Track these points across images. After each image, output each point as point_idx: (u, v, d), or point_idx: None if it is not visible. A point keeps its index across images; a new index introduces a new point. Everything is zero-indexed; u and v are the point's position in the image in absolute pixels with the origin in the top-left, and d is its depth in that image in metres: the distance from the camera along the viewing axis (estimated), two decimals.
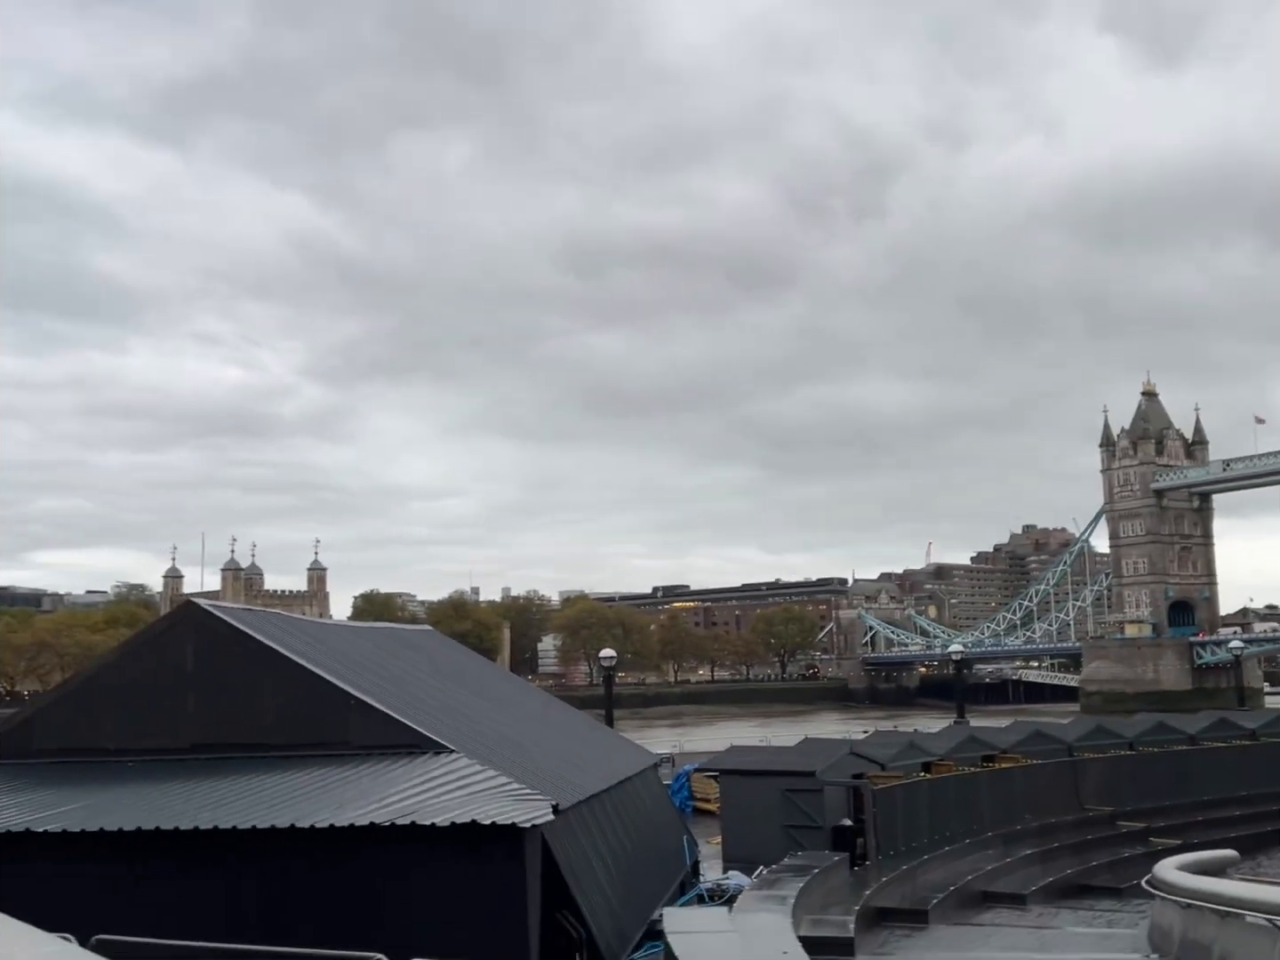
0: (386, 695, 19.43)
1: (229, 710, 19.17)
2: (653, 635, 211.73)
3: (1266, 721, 41.10)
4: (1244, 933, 15.81)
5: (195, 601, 22.26)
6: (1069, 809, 30.37)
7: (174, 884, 14.19)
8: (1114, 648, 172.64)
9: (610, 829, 18.54)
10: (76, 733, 19.81)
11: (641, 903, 18.42)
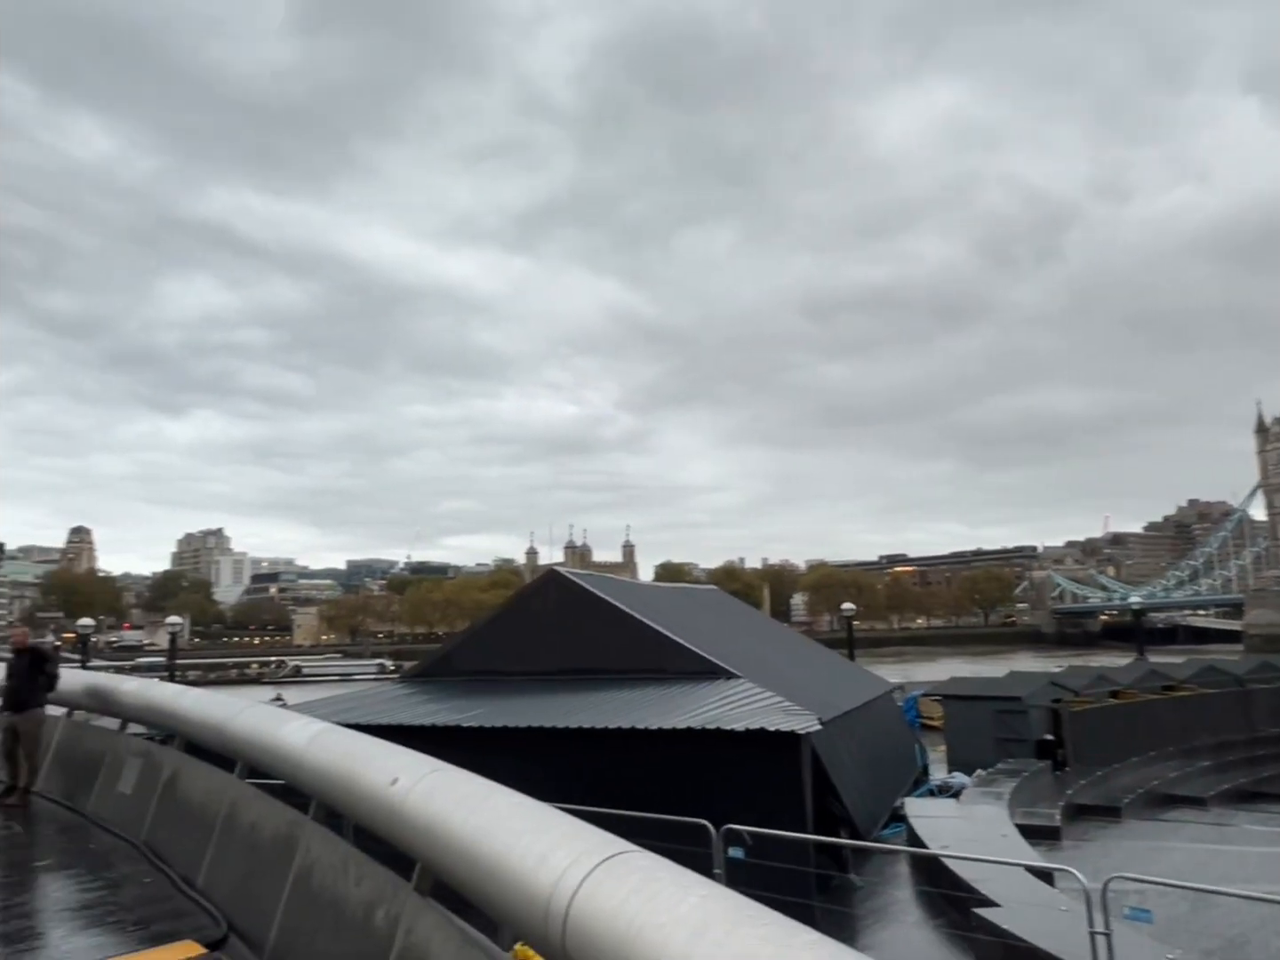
0: (688, 634, 19.80)
1: (579, 645, 20.01)
2: (880, 593, 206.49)
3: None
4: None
5: (555, 569, 23.41)
6: (1241, 730, 27.70)
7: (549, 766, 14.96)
8: (1273, 597, 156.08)
9: (859, 738, 18.30)
10: (479, 660, 21.20)
11: (886, 794, 18.09)
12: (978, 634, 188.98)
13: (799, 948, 2.11)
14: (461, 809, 3.76)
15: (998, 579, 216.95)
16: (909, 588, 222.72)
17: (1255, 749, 26.73)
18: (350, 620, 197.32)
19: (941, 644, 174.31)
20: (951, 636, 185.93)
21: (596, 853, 2.82)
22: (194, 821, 7.67)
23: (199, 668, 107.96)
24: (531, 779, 4.19)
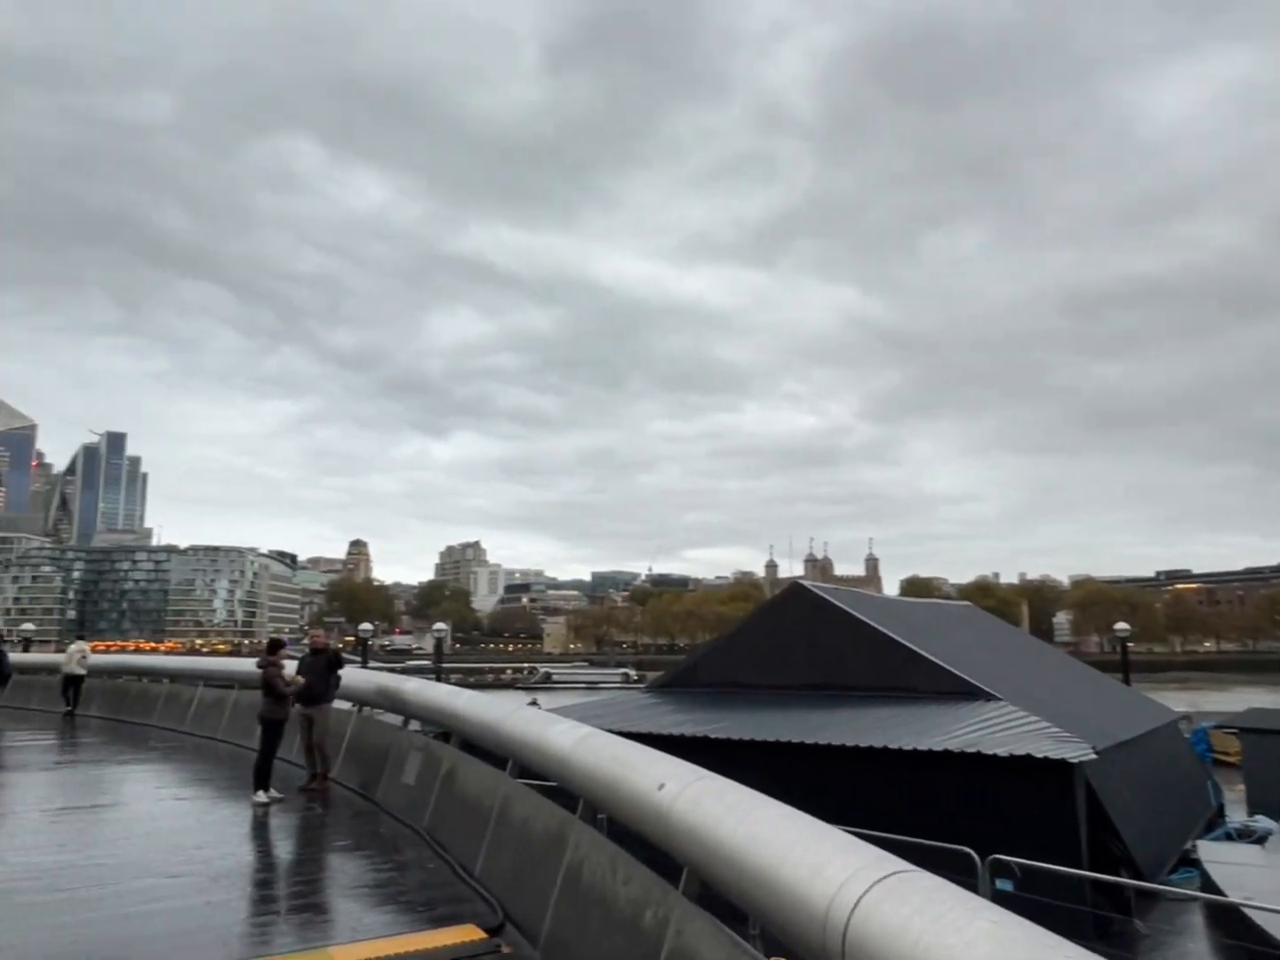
0: (940, 651, 18.99)
1: (824, 660, 19.68)
2: (1158, 612, 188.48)
3: None
4: None
5: (799, 582, 23.19)
6: None
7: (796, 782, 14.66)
8: None
9: (1139, 770, 16.80)
10: (723, 672, 21.32)
11: (1173, 834, 16.48)
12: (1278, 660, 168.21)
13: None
14: (730, 817, 3.82)
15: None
16: (1193, 607, 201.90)
17: None
18: (595, 630, 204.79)
19: (1234, 670, 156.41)
20: (1247, 662, 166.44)
21: (875, 869, 2.77)
22: (470, 814, 8.22)
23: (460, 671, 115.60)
24: (777, 794, 4.17)
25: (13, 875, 8.00)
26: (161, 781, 13.48)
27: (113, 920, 6.71)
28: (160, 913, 6.91)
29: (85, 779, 14.14)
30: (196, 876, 7.94)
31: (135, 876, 7.96)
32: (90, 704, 21.88)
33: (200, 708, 18.39)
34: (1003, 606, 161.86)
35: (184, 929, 6.54)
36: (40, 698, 23.51)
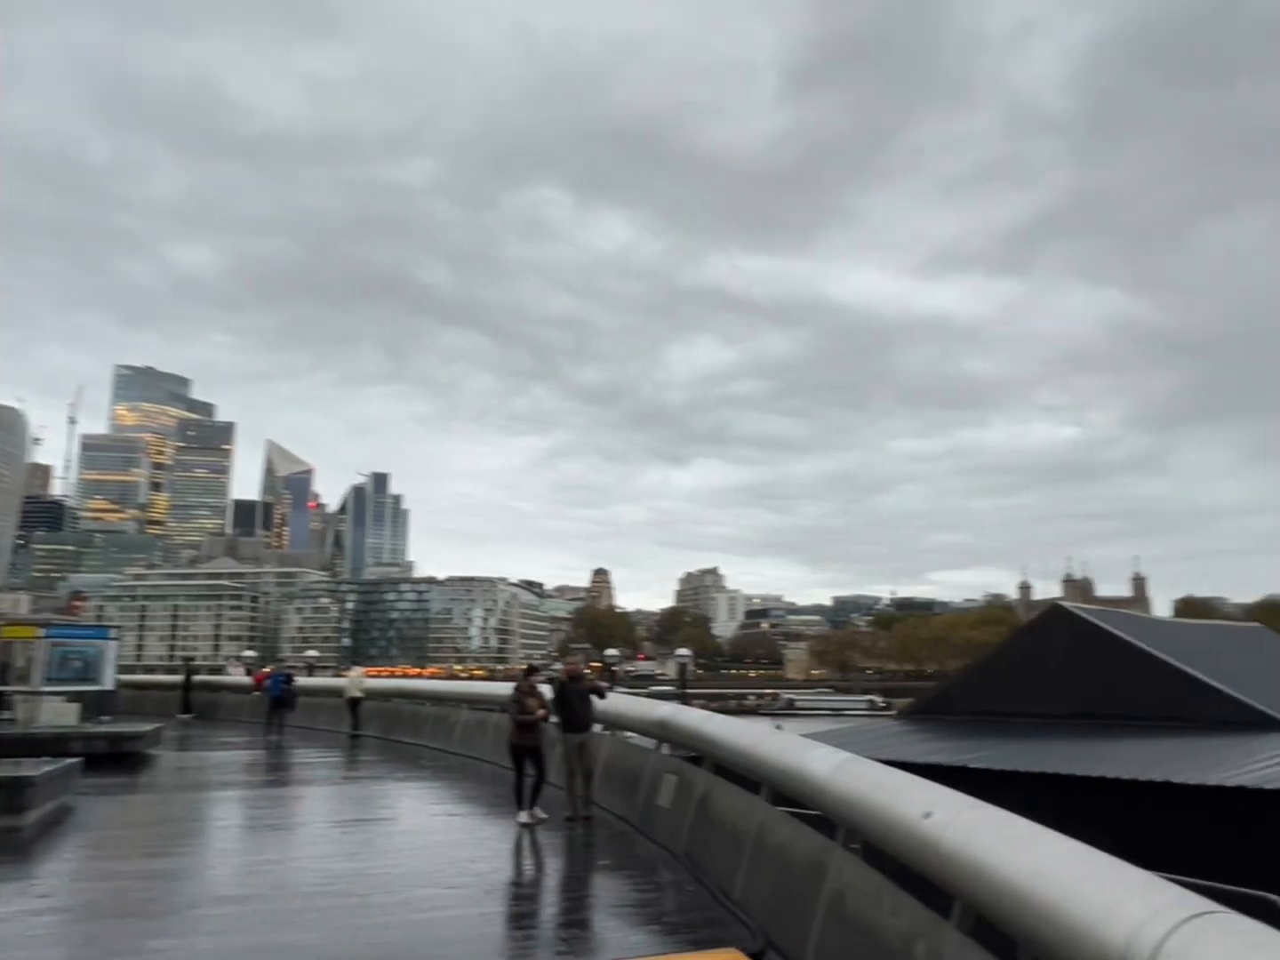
0: (1225, 678, 17.21)
1: (1090, 686, 18.34)
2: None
3: None
4: None
5: (1060, 604, 21.75)
6: None
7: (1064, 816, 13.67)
8: None
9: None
10: (979, 700, 20.28)
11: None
12: None
13: None
14: (1007, 848, 3.67)
15: None
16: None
17: None
18: (838, 655, 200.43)
19: None
20: None
21: (1180, 908, 2.59)
22: (726, 838, 8.29)
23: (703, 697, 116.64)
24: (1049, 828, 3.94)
25: (313, 880, 8.85)
26: (434, 798, 14.51)
27: (402, 925, 7.27)
28: (443, 921, 7.43)
29: (367, 794, 15.44)
30: (471, 889, 8.48)
31: (418, 886, 8.57)
32: (368, 725, 23.85)
33: (465, 729, 19.62)
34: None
35: (464, 937, 7.01)
36: (326, 719, 25.87)
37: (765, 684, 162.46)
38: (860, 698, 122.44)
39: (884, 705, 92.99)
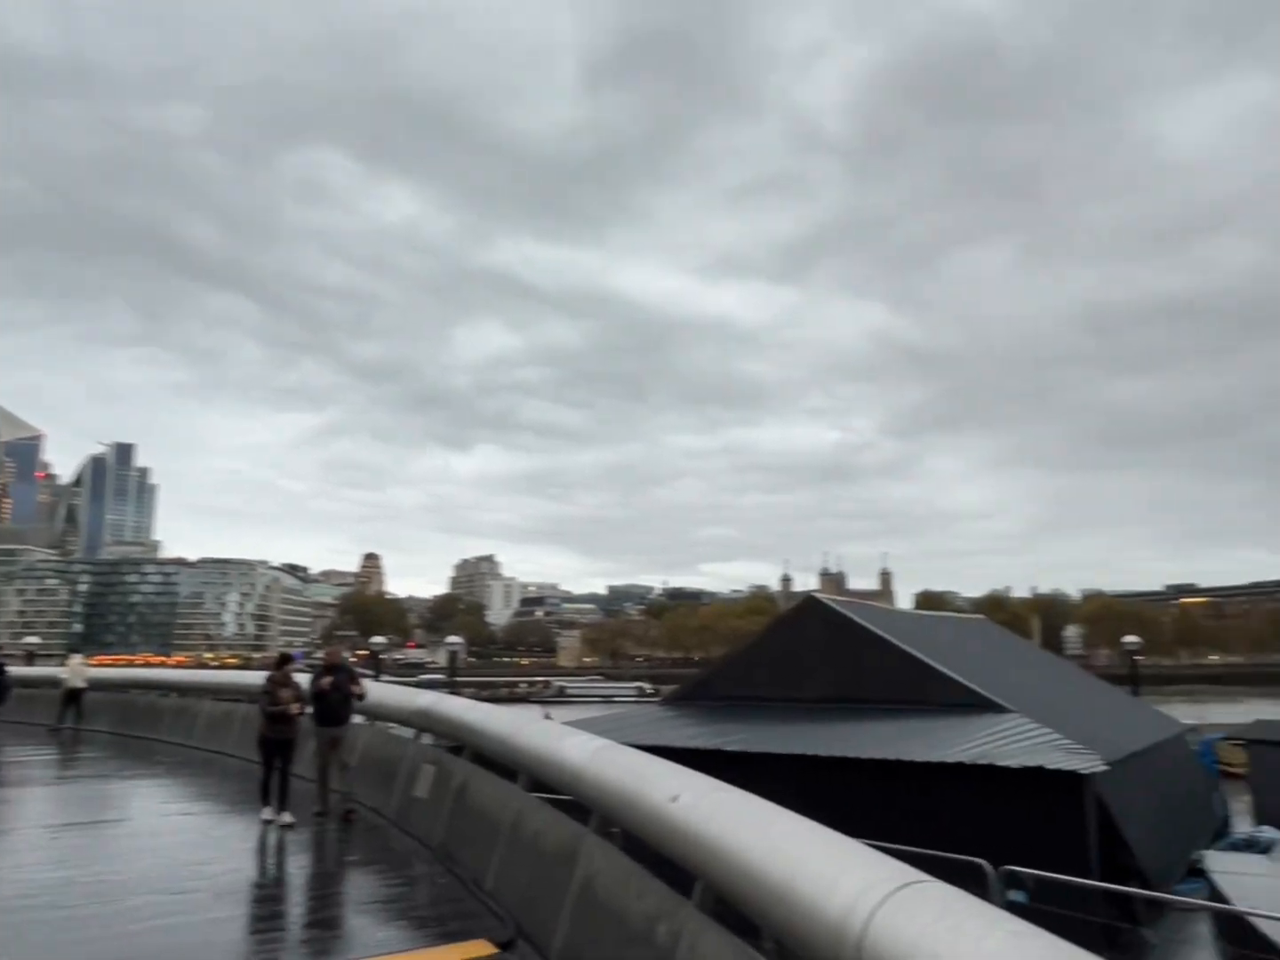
0: (953, 664, 18.91)
1: (838, 672, 19.55)
2: (1166, 625, 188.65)
3: None
4: None
5: (814, 596, 23.12)
6: None
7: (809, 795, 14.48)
8: None
9: (1149, 782, 16.70)
10: (738, 686, 21.20)
11: (1180, 845, 16.37)
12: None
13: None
14: (745, 829, 3.81)
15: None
16: (1200, 621, 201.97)
17: None
18: (610, 643, 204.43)
19: (1240, 683, 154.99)
20: (1253, 675, 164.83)
21: (891, 880, 2.77)
22: (483, 828, 8.21)
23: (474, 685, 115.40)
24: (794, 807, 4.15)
25: (10, 894, 7.85)
26: (168, 796, 13.43)
27: (114, 938, 6.64)
28: (163, 929, 6.85)
29: (89, 794, 14.07)
30: (202, 893, 7.89)
31: (138, 893, 7.88)
32: (96, 719, 21.86)
33: (209, 722, 18.39)
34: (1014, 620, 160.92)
35: (187, 944, 6.50)
36: (44, 712, 23.54)
37: (538, 672, 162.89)
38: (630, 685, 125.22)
39: (652, 692, 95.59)
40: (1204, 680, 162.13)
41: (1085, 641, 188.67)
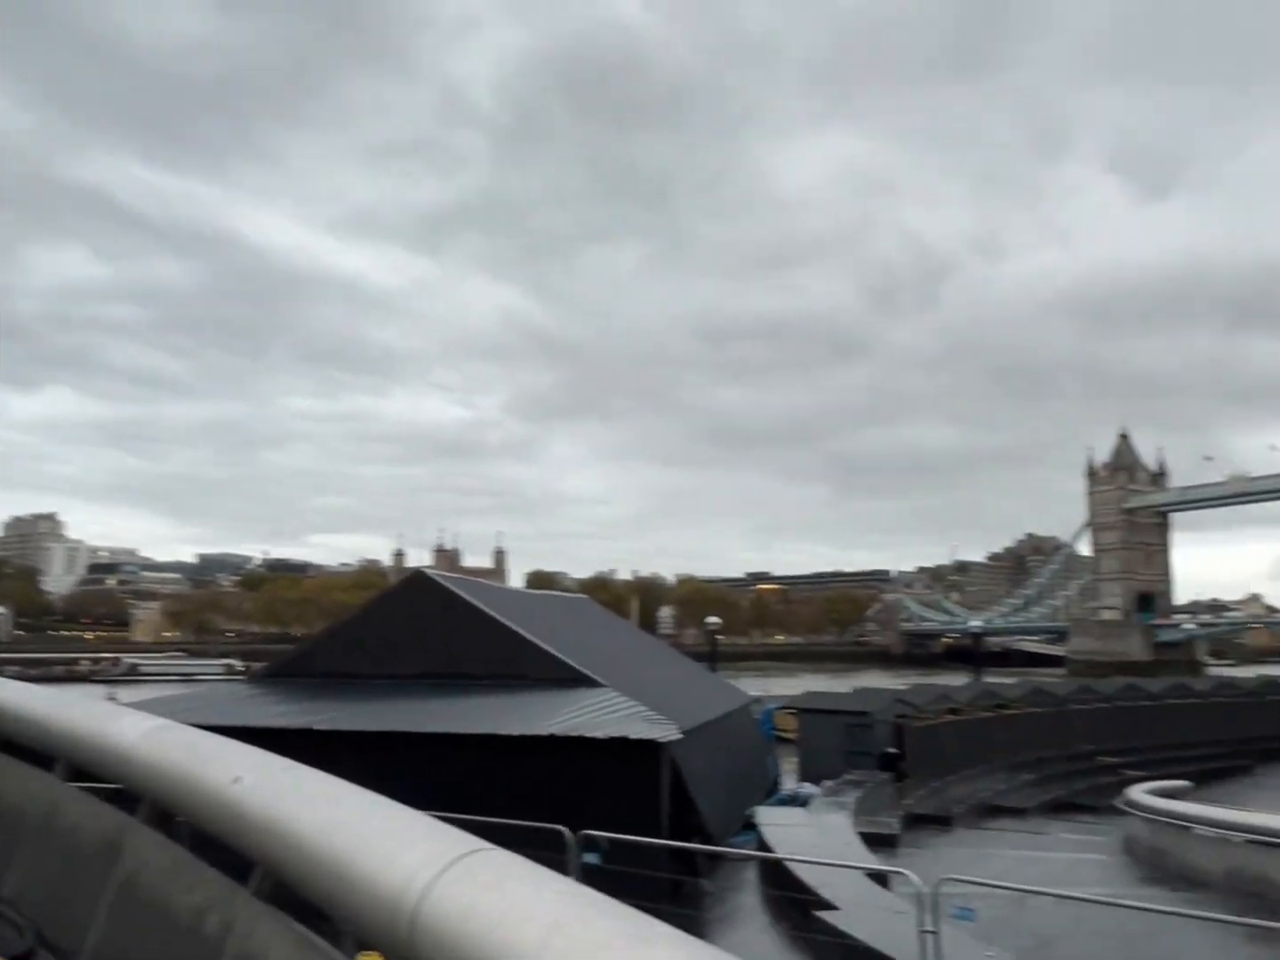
0: (553, 641, 19.60)
1: (442, 648, 19.46)
2: (744, 608, 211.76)
3: (1212, 686, 40.07)
4: (1196, 842, 15.29)
5: (421, 570, 22.86)
6: (1061, 747, 29.56)
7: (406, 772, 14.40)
8: (1093, 627, 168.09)
9: (718, 747, 18.53)
10: (336, 662, 20.40)
11: (739, 803, 18.38)
12: (833, 652, 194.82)
13: (651, 939, 2.09)
14: (309, 808, 3.59)
15: (853, 600, 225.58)
16: (771, 605, 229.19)
17: (1071, 764, 28.65)
18: (197, 617, 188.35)
19: (800, 660, 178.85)
20: (809, 653, 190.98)
21: (451, 851, 2.72)
22: (5, 825, 7.08)
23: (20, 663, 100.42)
24: (387, 786, 4.01)
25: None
26: None
27: None
28: None
29: None
30: None
31: None
32: None
33: None
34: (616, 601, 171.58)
35: None
36: None
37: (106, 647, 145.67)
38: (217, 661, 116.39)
39: (242, 669, 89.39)
40: (771, 657, 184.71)
41: (677, 622, 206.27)
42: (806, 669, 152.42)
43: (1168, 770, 25.07)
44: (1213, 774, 28.94)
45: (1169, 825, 16.12)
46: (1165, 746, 30.79)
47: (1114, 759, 29.09)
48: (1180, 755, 29.81)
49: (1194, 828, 15.39)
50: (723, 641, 57.14)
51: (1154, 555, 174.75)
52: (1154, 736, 31.52)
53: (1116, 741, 30.56)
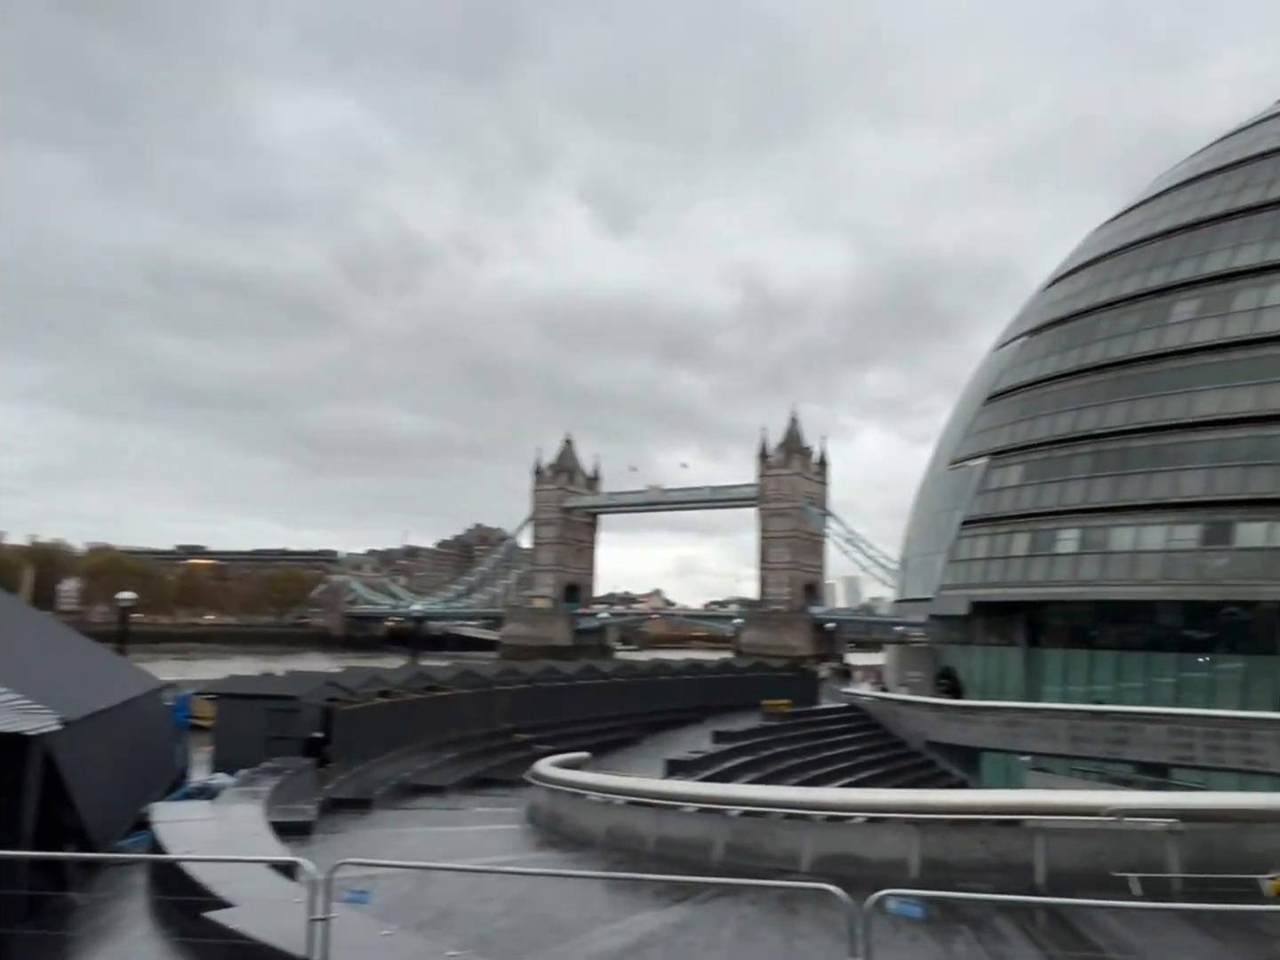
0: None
1: None
2: (171, 584, 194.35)
3: (615, 668, 45.75)
4: (587, 806, 17.17)
5: None
6: (485, 725, 31.48)
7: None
8: (525, 614, 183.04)
9: (113, 739, 16.48)
10: None
11: (133, 800, 16.51)
12: (270, 633, 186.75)
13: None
14: None
15: (298, 580, 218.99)
16: (204, 582, 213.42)
17: (492, 741, 30.78)
18: None
19: (233, 642, 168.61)
20: (244, 635, 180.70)
21: None
22: None
23: None
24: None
25: None
26: None
27: None
28: None
29: None
30: None
31: None
32: None
33: None
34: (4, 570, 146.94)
35: None
36: None
37: None
38: None
39: None
40: (199, 639, 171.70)
41: (83, 596, 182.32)
42: (239, 651, 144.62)
43: (574, 743, 28.00)
44: (611, 745, 33.00)
45: (565, 793, 17.87)
46: (576, 722, 34.42)
47: (529, 735, 31.73)
48: (587, 730, 33.54)
49: (586, 794, 17.23)
50: (142, 620, 50.77)
51: (583, 551, 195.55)
52: (565, 713, 35.09)
53: (534, 719, 33.41)
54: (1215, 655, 34.98)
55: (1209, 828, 12.60)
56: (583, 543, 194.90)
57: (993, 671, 40.34)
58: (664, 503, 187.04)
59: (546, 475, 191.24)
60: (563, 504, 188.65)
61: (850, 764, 30.05)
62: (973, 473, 43.43)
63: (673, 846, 14.94)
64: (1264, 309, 35.83)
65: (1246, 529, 33.93)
